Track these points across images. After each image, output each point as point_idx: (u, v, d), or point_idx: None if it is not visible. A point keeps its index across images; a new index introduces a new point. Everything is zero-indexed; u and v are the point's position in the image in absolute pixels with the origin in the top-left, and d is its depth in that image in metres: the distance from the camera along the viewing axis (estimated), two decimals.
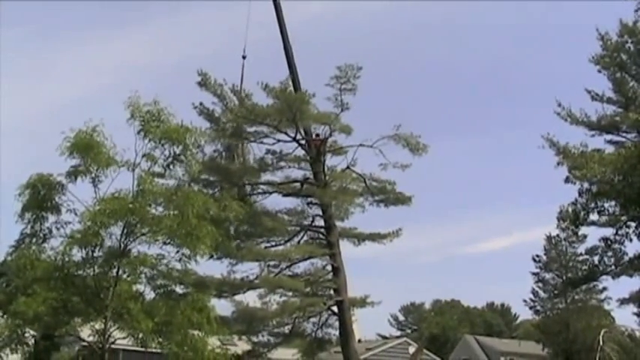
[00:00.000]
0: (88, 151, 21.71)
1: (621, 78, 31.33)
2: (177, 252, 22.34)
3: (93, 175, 22.13)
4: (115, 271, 21.82)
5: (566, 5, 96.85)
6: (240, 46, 32.05)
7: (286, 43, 33.00)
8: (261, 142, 31.84)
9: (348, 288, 31.08)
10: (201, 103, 31.11)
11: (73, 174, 22.13)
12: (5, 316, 22.17)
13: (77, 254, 21.77)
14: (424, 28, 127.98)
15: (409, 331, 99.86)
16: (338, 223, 32.28)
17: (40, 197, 22.15)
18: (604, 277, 35.34)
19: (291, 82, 31.62)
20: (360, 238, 32.74)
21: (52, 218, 22.48)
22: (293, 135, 31.28)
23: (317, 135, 31.56)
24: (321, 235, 31.97)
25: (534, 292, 58.05)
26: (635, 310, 34.86)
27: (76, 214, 22.20)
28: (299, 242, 31.98)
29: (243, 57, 32.33)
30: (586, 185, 30.21)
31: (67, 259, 21.75)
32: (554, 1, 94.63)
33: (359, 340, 42.61)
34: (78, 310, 22.21)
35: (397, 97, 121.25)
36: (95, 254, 21.68)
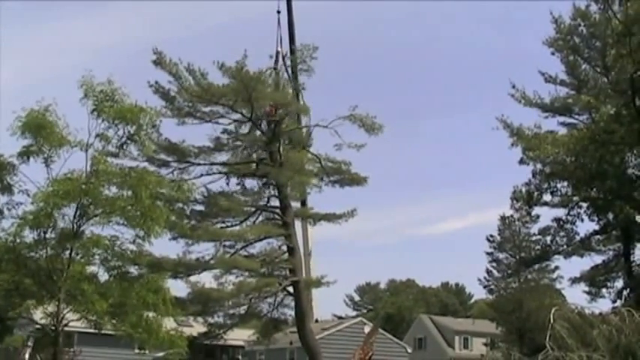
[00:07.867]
0: (40, 131, 21.39)
1: (574, 61, 31.76)
2: (132, 233, 22.20)
3: (45, 155, 21.83)
4: (68, 252, 21.58)
5: None
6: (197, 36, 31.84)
7: (291, 20, 32.96)
8: (217, 122, 31.63)
9: (306, 268, 31.16)
10: (156, 82, 30.68)
11: (25, 154, 21.80)
12: None
13: (29, 236, 21.59)
14: (381, 11, 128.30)
15: (365, 311, 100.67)
16: (293, 204, 32.26)
17: None
18: (556, 256, 36.01)
19: (244, 62, 31.27)
20: (315, 218, 32.75)
21: (3, 199, 22.26)
22: (249, 115, 31.06)
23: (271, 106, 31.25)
24: (276, 216, 31.90)
25: (488, 272, 58.78)
26: (586, 288, 35.47)
27: (28, 195, 21.95)
28: (254, 222, 31.84)
29: (278, 12, 32.53)
30: (539, 166, 30.70)
31: (18, 240, 21.52)
32: None
33: (315, 321, 42.82)
34: (30, 293, 22.00)
35: (354, 80, 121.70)
36: (48, 236, 21.47)
